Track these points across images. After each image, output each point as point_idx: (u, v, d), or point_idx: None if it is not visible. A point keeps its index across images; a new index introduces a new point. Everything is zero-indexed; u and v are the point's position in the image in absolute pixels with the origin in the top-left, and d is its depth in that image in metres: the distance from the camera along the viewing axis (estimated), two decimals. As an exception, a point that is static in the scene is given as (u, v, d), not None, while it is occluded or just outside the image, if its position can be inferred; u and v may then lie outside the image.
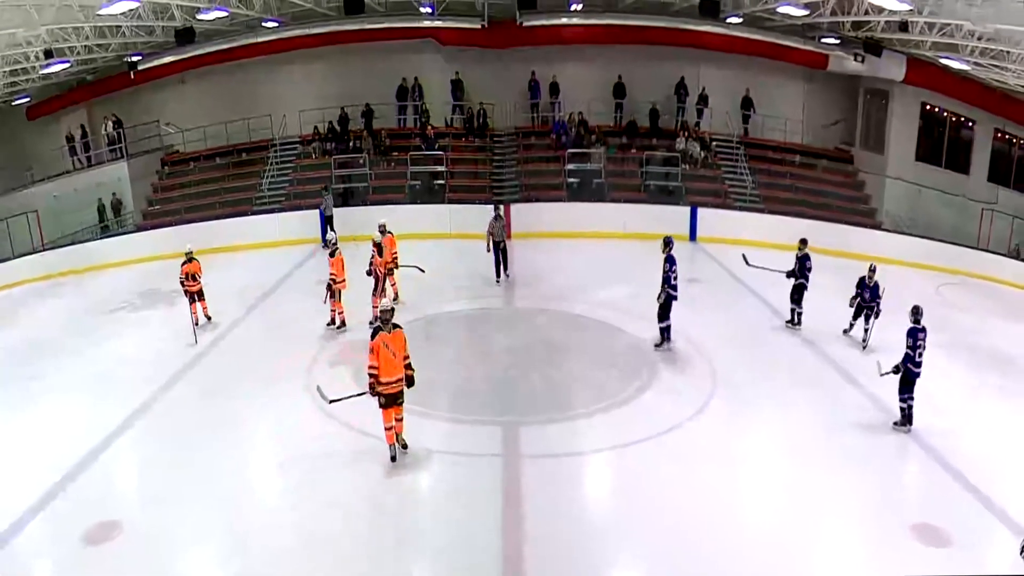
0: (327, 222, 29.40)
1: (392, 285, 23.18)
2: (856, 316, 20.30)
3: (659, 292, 19.71)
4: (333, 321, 21.11)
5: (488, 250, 23.97)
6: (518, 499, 13.65)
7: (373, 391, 13.87)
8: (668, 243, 19.98)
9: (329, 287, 20.98)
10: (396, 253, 23.08)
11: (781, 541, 12.43)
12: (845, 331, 20.51)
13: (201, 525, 12.76)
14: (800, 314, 22.14)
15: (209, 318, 21.61)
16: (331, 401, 14.62)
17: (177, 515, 12.91)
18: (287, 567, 11.75)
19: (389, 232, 22.98)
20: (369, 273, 21.30)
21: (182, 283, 21.32)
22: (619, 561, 12.44)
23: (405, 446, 14.53)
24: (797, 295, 22.06)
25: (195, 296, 21.36)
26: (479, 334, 21.87)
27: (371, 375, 13.84)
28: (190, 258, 21.19)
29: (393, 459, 14.22)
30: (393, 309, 14.41)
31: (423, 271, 22.53)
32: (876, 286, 19.64)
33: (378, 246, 21.32)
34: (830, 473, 14.76)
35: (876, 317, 19.74)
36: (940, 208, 33.91)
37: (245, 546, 12.20)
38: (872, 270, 20.13)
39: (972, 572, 12.14)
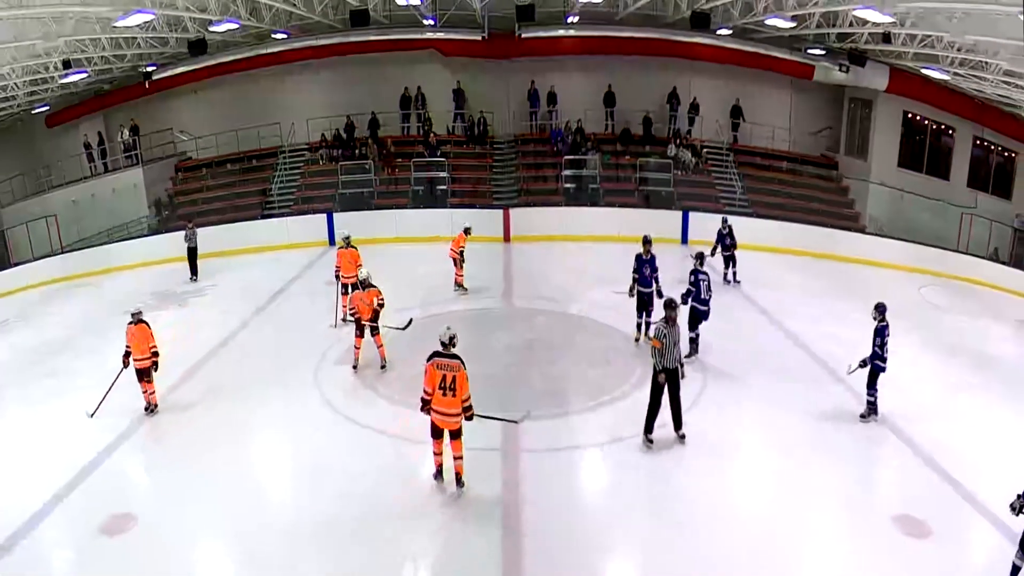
0: (192, 255, 27.35)
1: (459, 275, 24.44)
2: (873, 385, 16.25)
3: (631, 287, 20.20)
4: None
5: (660, 372, 14.39)
6: (517, 490, 13.61)
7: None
8: (645, 242, 20.30)
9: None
10: (463, 247, 24.25)
11: (770, 531, 12.42)
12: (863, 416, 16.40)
13: (212, 517, 12.76)
14: (735, 273, 25.35)
15: (154, 407, 16.41)
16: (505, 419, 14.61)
17: (189, 508, 12.92)
18: (294, 553, 11.77)
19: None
20: (352, 313, 18.75)
21: (126, 355, 16.19)
22: (615, 550, 12.43)
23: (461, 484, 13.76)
24: (733, 262, 25.13)
25: (140, 373, 16.27)
26: (480, 333, 21.27)
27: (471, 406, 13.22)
28: (137, 320, 16.33)
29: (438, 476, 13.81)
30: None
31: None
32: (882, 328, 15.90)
33: (364, 283, 18.46)
34: (816, 465, 14.76)
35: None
36: (921, 212, 34.02)
37: (253, 535, 12.18)
38: (880, 310, 15.99)
39: (954, 561, 12.23)
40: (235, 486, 13.83)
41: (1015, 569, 11.81)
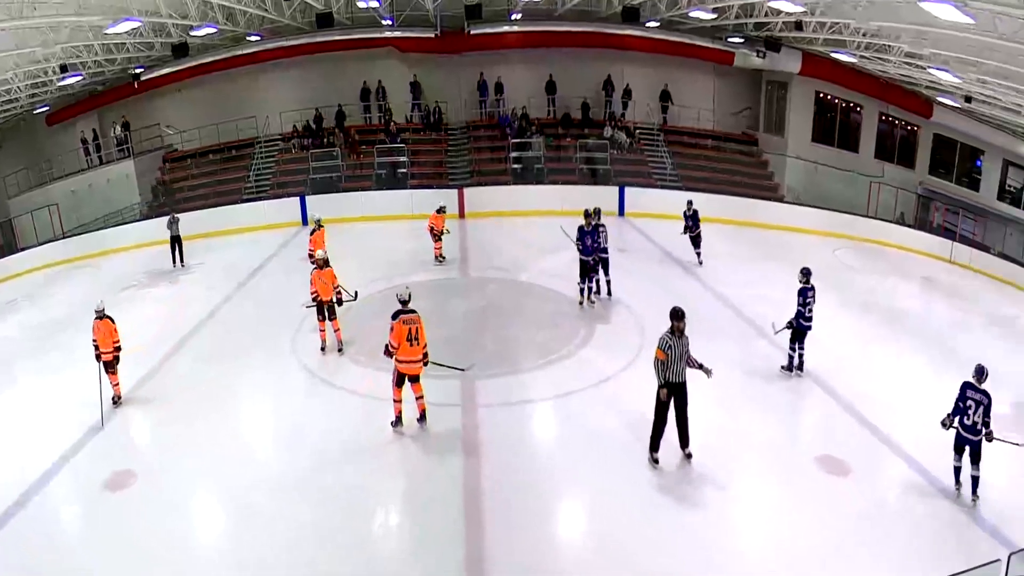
0: (175, 243, 26.78)
1: (438, 249, 25.09)
2: (794, 342, 16.63)
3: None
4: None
5: (663, 387, 12.69)
6: (476, 441, 14.00)
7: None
8: (587, 215, 20.46)
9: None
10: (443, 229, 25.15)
11: (703, 474, 12.77)
12: (784, 367, 16.82)
13: (206, 472, 13.16)
14: (700, 254, 24.66)
15: (119, 399, 15.71)
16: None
17: (184, 464, 13.32)
18: (281, 502, 12.08)
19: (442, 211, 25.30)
20: (315, 299, 17.84)
21: (95, 347, 15.43)
22: (564, 491, 12.85)
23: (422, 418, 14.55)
24: (697, 243, 24.62)
25: (106, 366, 15.53)
26: (439, 301, 21.68)
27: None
28: (101, 315, 15.65)
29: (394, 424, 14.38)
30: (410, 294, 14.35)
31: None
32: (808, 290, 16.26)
33: (322, 260, 17.92)
34: (746, 414, 15.00)
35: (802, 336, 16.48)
36: (834, 182, 34.95)
37: (243, 487, 12.55)
38: (806, 274, 16.27)
39: (871, 495, 12.67)
40: (225, 444, 14.17)
41: (956, 471, 12.58)
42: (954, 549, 10.91)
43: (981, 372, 12.65)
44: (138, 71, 33.04)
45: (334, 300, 17.70)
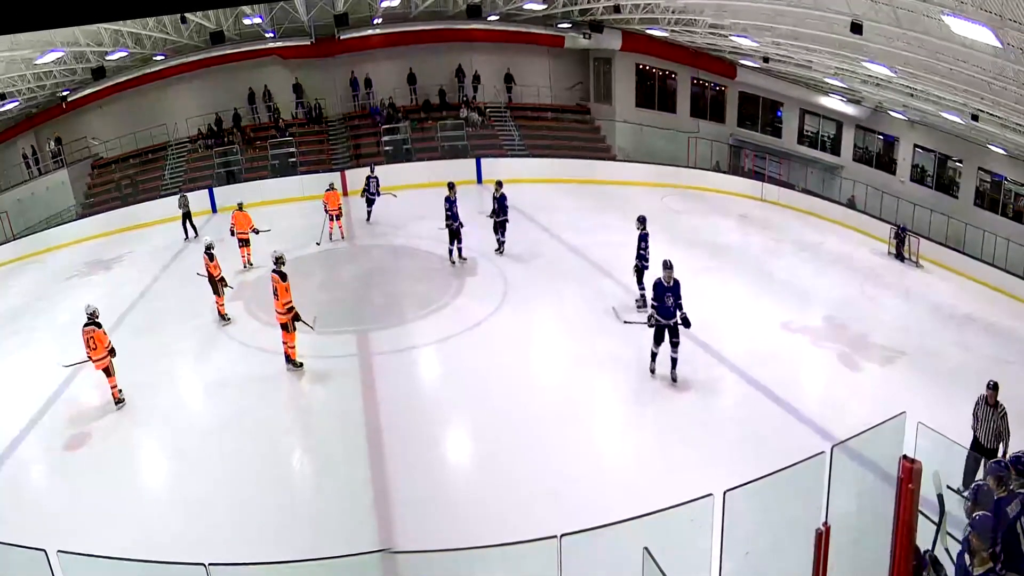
0: (186, 218, 28.45)
1: (340, 227, 25.98)
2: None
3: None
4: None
5: None
6: (372, 384, 15.01)
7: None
8: (451, 187, 21.76)
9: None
10: (340, 207, 25.90)
11: (565, 396, 13.73)
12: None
13: (149, 425, 14.12)
14: (503, 243, 23.15)
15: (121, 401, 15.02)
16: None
17: (131, 420, 14.26)
18: (212, 447, 13.04)
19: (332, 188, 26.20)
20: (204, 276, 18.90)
21: (91, 358, 14.70)
22: (448, 419, 13.99)
23: (297, 364, 15.70)
24: (501, 229, 23.00)
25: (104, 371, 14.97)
26: (331, 268, 23.01)
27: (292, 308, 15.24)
28: (92, 321, 14.71)
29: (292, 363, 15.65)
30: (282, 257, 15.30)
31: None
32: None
33: (209, 254, 18.83)
34: (596, 343, 16.17)
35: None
36: (657, 140, 37.79)
37: (180, 436, 13.53)
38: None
39: (709, 405, 13.75)
40: (164, 399, 15.06)
41: (653, 355, 14.11)
42: (783, 444, 11.80)
43: (669, 265, 14.31)
44: (65, 93, 34.02)
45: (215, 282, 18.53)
